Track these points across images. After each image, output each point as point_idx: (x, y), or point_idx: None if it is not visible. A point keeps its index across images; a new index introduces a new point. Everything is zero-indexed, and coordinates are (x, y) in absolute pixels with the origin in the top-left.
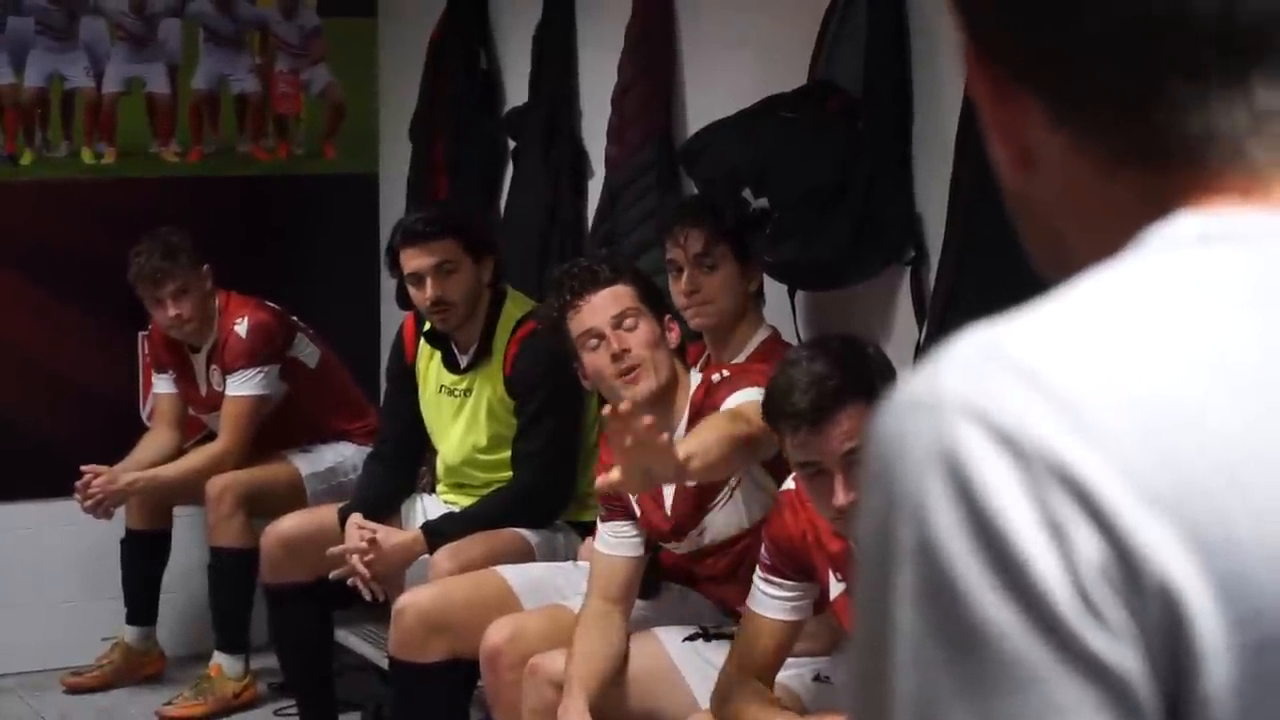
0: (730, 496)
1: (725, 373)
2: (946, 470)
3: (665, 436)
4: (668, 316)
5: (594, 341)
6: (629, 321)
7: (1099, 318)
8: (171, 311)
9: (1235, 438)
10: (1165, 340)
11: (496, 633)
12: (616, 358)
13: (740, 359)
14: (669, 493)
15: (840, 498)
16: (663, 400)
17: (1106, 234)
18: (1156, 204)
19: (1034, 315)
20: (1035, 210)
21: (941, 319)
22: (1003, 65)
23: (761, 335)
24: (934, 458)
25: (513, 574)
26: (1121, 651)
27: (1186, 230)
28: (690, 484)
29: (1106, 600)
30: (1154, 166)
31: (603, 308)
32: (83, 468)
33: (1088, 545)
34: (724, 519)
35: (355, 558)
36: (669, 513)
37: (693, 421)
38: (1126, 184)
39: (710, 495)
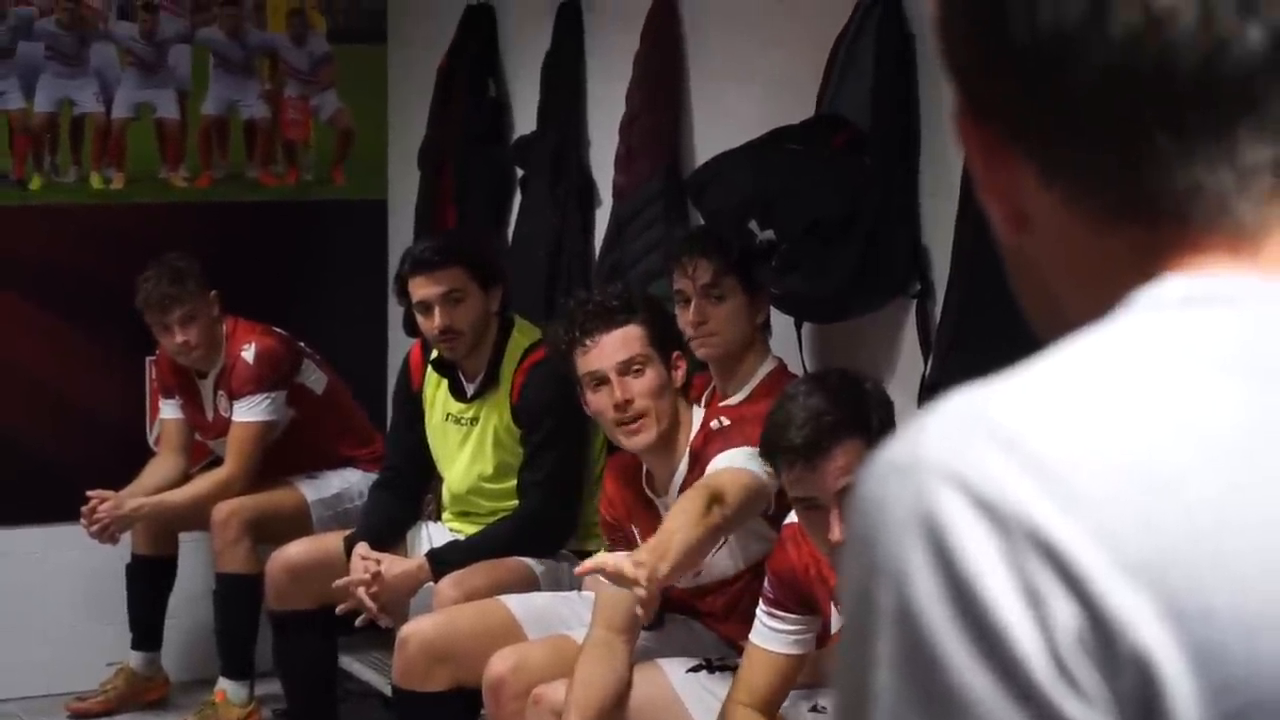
0: (724, 542)
1: (725, 421)
2: (926, 535)
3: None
4: (676, 354)
5: (598, 384)
6: (636, 369)
7: (1081, 384)
8: (179, 338)
9: (1214, 506)
10: (1147, 407)
11: (500, 662)
12: (619, 407)
13: (746, 390)
14: None
15: (835, 533)
16: (663, 443)
17: (1099, 293)
18: (1146, 261)
19: (1017, 380)
20: (1030, 269)
21: (947, 353)
22: (993, 126)
23: (768, 367)
24: (914, 522)
25: (517, 603)
26: (1096, 719)
27: (1172, 292)
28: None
29: (1082, 668)
30: (1143, 223)
31: (611, 352)
32: (88, 493)
33: (1064, 613)
34: (719, 562)
35: (360, 589)
36: None
37: (692, 467)
38: (1117, 241)
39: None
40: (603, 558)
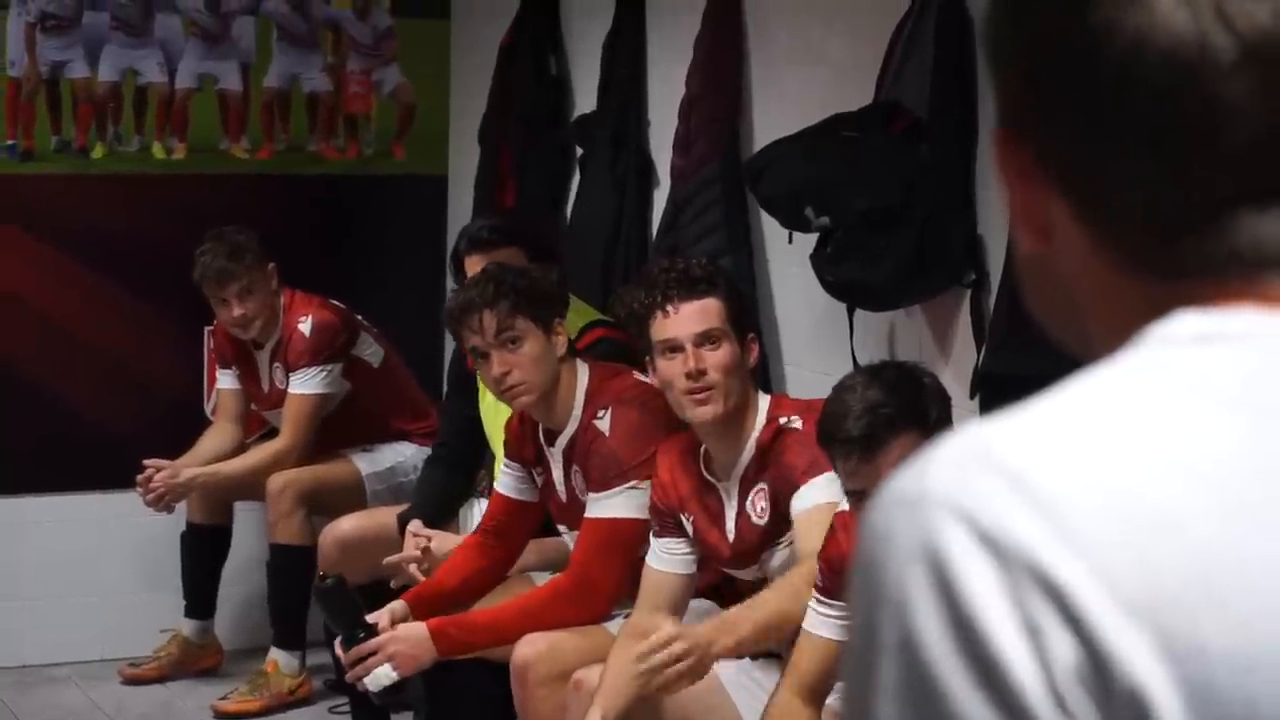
0: (788, 540)
1: (796, 422)
2: (929, 568)
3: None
4: (750, 335)
5: (671, 353)
6: (712, 342)
7: (1088, 422)
8: (236, 311)
9: (1214, 545)
10: (1151, 445)
11: (528, 646)
12: (691, 376)
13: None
14: (730, 519)
15: None
16: (730, 422)
17: (1118, 323)
18: (1168, 306)
19: (1025, 416)
20: (1050, 279)
21: (1000, 343)
22: (1033, 153)
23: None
24: (918, 555)
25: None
26: None
27: (1184, 329)
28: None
29: (1078, 702)
30: (1171, 277)
31: (689, 320)
32: (144, 462)
33: (1062, 647)
34: (781, 558)
35: (412, 566)
36: (730, 540)
37: (760, 463)
38: (1141, 288)
39: (772, 538)
40: (659, 636)
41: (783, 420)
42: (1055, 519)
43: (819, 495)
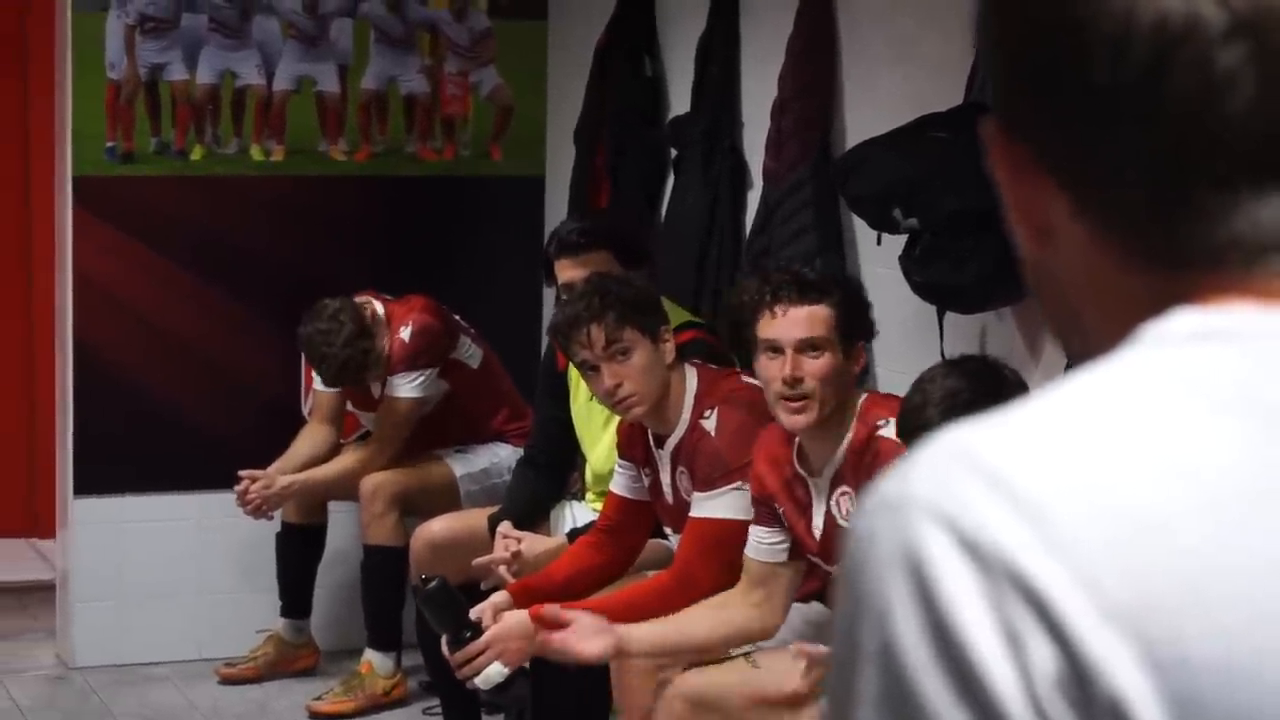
0: None
1: (888, 429)
2: (909, 573)
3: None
4: (860, 345)
5: (773, 353)
6: (814, 349)
7: (1074, 424)
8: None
9: (1201, 552)
10: (1139, 449)
11: None
12: (787, 382)
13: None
14: (819, 515)
15: None
16: (823, 426)
17: (1116, 319)
18: (1169, 299)
19: (1011, 419)
20: (1050, 282)
21: None
22: (1028, 146)
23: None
24: (898, 560)
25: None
26: None
27: (1180, 327)
28: None
29: (1059, 712)
30: (1169, 268)
31: (795, 325)
32: (240, 473)
33: (1043, 655)
34: None
35: (502, 568)
36: (817, 537)
37: (853, 463)
38: (1140, 280)
39: None
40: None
41: (879, 424)
42: (1038, 523)
43: None
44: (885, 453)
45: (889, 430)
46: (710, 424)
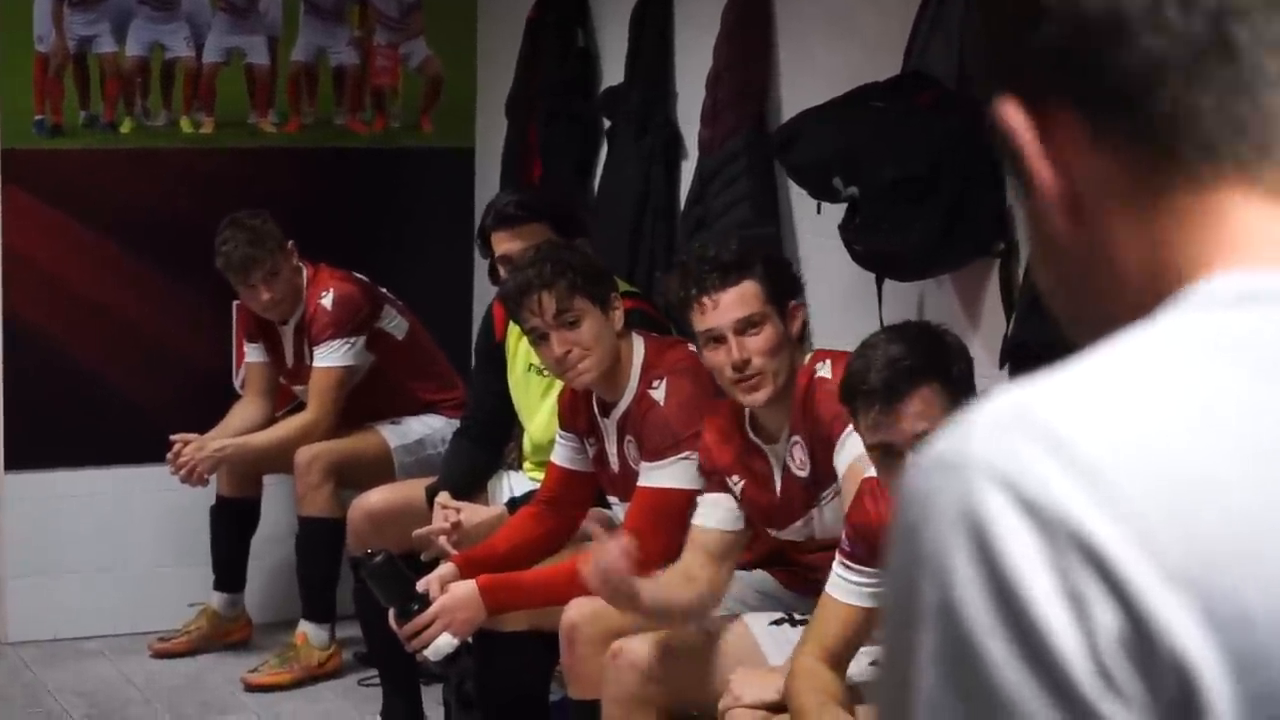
0: (838, 494)
1: (825, 369)
2: (970, 533)
3: None
4: (793, 304)
5: (715, 343)
6: (753, 326)
7: (1129, 386)
8: (264, 296)
9: (1258, 513)
10: (1193, 410)
11: (576, 609)
12: (737, 367)
13: None
14: (778, 478)
15: None
16: (780, 397)
17: (1150, 275)
18: (1201, 229)
19: (1065, 378)
20: (1072, 263)
21: (1029, 311)
22: (1039, 97)
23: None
24: (958, 520)
25: None
26: None
27: (1225, 289)
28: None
29: (1123, 671)
30: (1198, 160)
31: (728, 310)
32: (172, 437)
33: (1106, 617)
34: (832, 515)
35: (442, 539)
36: (778, 499)
37: (799, 416)
38: (1169, 202)
39: (815, 493)
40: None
41: (817, 367)
42: (1098, 485)
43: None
44: (823, 391)
45: (826, 370)
46: (659, 394)
